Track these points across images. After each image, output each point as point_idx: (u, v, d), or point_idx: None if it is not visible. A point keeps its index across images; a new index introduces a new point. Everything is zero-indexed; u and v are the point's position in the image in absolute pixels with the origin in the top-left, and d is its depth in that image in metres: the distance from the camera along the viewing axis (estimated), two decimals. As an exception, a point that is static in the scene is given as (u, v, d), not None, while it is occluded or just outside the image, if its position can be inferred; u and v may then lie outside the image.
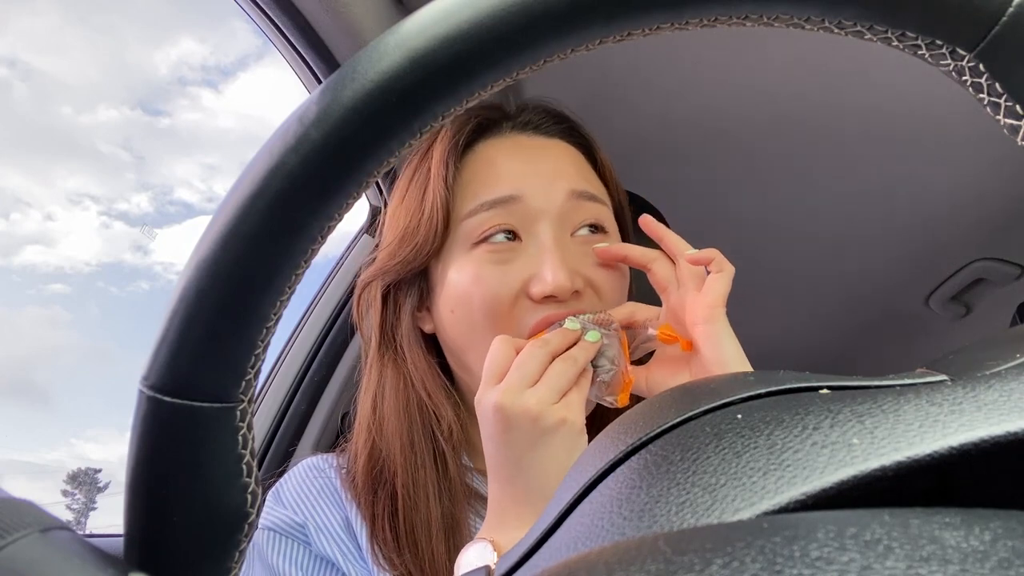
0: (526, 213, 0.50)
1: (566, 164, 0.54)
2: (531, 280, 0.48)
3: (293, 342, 0.94)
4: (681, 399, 0.17)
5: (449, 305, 0.51)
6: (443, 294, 0.51)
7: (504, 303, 0.48)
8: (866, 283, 1.26)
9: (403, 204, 0.54)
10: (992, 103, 0.21)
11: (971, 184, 0.98)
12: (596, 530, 0.14)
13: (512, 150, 0.53)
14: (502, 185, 0.50)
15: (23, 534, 0.17)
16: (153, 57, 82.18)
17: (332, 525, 0.50)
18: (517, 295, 0.49)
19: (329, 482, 0.53)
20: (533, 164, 0.52)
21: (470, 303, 0.49)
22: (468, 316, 0.50)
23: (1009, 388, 0.13)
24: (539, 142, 0.55)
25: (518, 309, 0.49)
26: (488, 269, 0.49)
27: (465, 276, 0.50)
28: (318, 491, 0.52)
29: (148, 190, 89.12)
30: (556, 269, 0.47)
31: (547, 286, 0.47)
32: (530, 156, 0.53)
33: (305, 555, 0.50)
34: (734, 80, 0.82)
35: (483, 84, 0.20)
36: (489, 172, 0.52)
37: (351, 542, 0.50)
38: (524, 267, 0.49)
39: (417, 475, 0.50)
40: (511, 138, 0.55)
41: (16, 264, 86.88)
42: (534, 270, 0.48)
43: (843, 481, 0.12)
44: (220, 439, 0.20)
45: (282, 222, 0.19)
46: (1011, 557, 0.09)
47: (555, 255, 0.48)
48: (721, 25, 0.21)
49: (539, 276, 0.48)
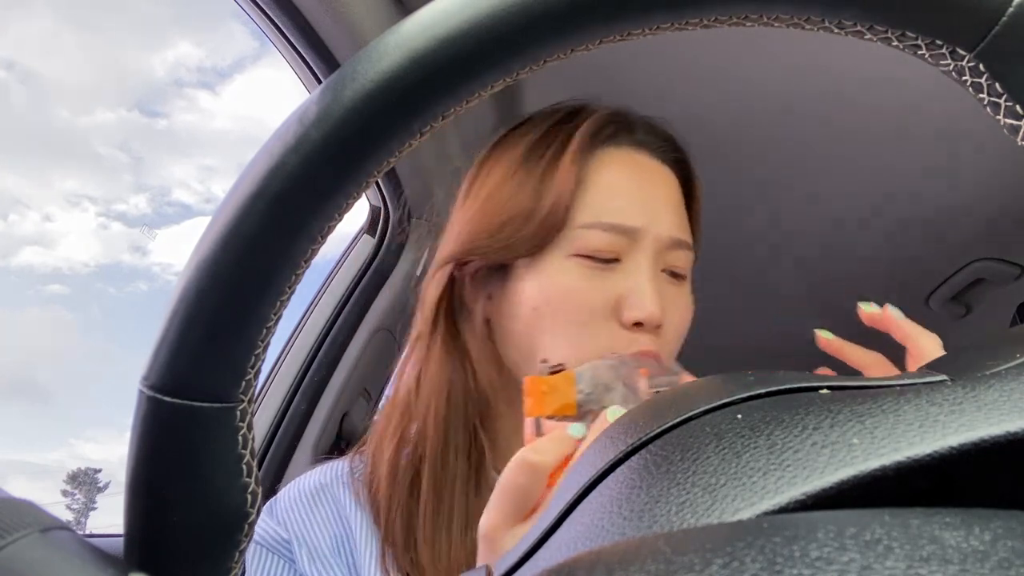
0: (634, 243, 0.51)
1: (674, 203, 0.55)
2: (623, 302, 0.50)
3: (293, 342, 0.94)
4: (681, 399, 0.17)
5: (533, 303, 0.51)
6: (527, 290, 0.51)
7: (596, 317, 0.49)
8: (866, 283, 1.26)
9: (508, 185, 0.52)
10: (992, 103, 0.21)
11: (971, 184, 0.98)
12: (596, 530, 0.14)
13: (632, 170, 0.54)
14: (624, 213, 0.51)
15: (23, 534, 0.17)
16: (150, 59, 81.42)
17: (320, 545, 0.49)
18: (609, 313, 0.50)
19: (330, 497, 0.52)
20: (649, 193, 0.53)
21: (560, 307, 0.50)
22: (552, 319, 0.50)
23: (1009, 388, 0.13)
24: (653, 165, 0.55)
25: (606, 327, 0.50)
26: (586, 281, 0.50)
27: (562, 280, 0.50)
28: (313, 507, 0.51)
29: (146, 191, 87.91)
30: (654, 301, 0.49)
31: (643, 313, 0.49)
32: (646, 182, 0.54)
33: (286, 572, 0.49)
34: (733, 81, 0.82)
35: (483, 84, 0.20)
36: (612, 191, 0.52)
37: (338, 562, 0.49)
38: (617, 287, 0.50)
39: (447, 463, 0.49)
40: (629, 155, 0.55)
41: (14, 265, 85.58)
42: (626, 293, 0.50)
43: (843, 481, 0.12)
44: (220, 439, 0.20)
45: (282, 222, 0.19)
46: (1011, 557, 0.09)
47: (653, 287, 0.50)
48: (721, 25, 0.21)
49: (635, 303, 0.49)
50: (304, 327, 0.95)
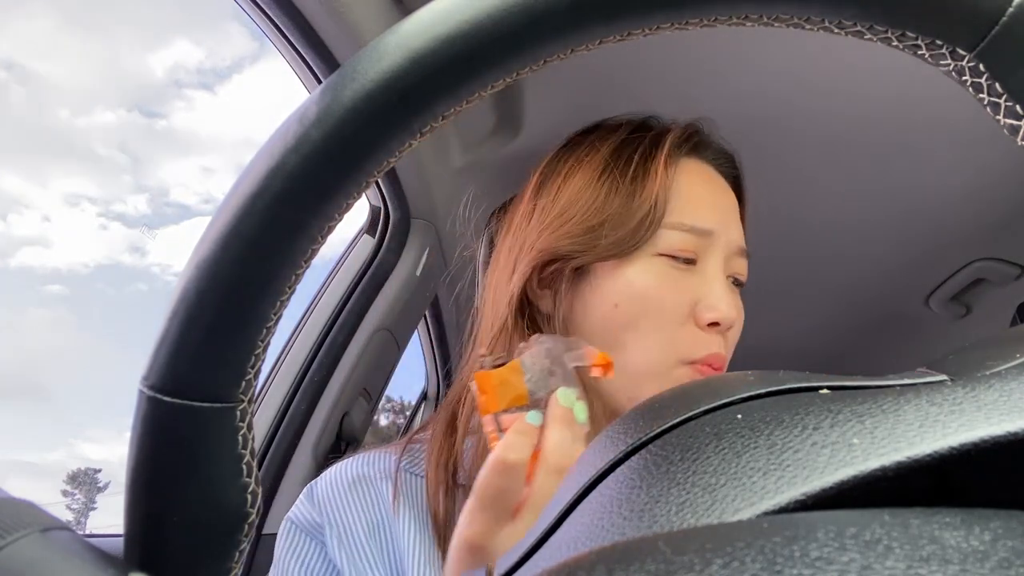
0: (709, 246, 0.54)
1: (737, 215, 0.59)
2: (699, 304, 0.52)
3: (293, 342, 0.94)
4: (681, 399, 0.17)
5: (614, 299, 0.52)
6: (609, 288, 0.53)
7: (677, 316, 0.52)
8: (866, 283, 1.26)
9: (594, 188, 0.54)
10: (992, 103, 0.21)
11: (971, 184, 0.98)
12: (596, 530, 0.14)
13: (710, 181, 0.58)
14: (707, 216, 0.54)
15: (23, 534, 0.17)
16: (149, 60, 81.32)
17: (354, 528, 0.49)
18: (687, 312, 0.52)
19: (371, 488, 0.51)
20: (723, 202, 0.57)
21: (643, 305, 0.52)
22: (633, 315, 0.52)
23: (1009, 388, 0.13)
24: (721, 180, 0.59)
25: (684, 327, 0.52)
26: (667, 281, 0.52)
27: (648, 279, 0.52)
28: (351, 493, 0.51)
29: (145, 192, 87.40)
30: (729, 304, 0.52)
31: (719, 314, 0.52)
32: (720, 194, 0.58)
33: (316, 556, 0.49)
34: (732, 81, 0.82)
35: (483, 84, 0.20)
36: (696, 196, 0.55)
37: (373, 548, 0.49)
38: (695, 289, 0.53)
39: None
40: (705, 167, 0.58)
41: (13, 265, 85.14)
42: (703, 296, 0.53)
43: (843, 481, 0.12)
44: (220, 439, 0.20)
45: (282, 222, 0.19)
46: (1011, 557, 0.09)
47: (727, 290, 0.54)
48: (721, 25, 0.21)
49: (712, 305, 0.52)
50: (304, 327, 0.95)
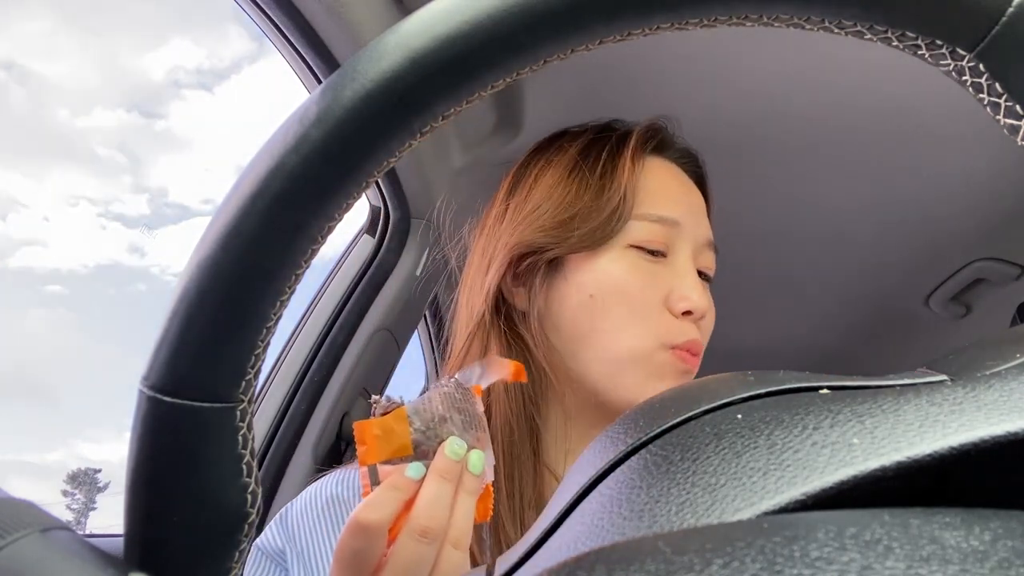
0: (678, 238, 0.56)
1: (704, 211, 0.60)
2: (672, 293, 0.54)
3: (293, 342, 0.94)
4: (681, 399, 0.17)
5: (590, 290, 0.54)
6: (583, 278, 0.54)
7: (653, 304, 0.54)
8: (866, 283, 1.26)
9: (565, 185, 0.56)
10: (992, 103, 0.21)
11: (971, 184, 0.98)
12: (596, 530, 0.14)
13: (676, 177, 0.60)
14: (673, 208, 0.56)
15: (23, 534, 0.17)
16: (148, 60, 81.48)
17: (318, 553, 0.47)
18: (660, 301, 0.54)
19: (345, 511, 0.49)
20: (688, 198, 0.59)
21: (619, 293, 0.53)
22: (610, 304, 0.53)
23: (1009, 388, 0.13)
24: (687, 179, 0.61)
25: (658, 315, 0.54)
26: (639, 272, 0.54)
27: (622, 268, 0.54)
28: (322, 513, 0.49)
29: (144, 192, 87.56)
30: (700, 293, 0.54)
31: (692, 303, 0.53)
32: (687, 190, 0.60)
33: None
34: (732, 81, 0.82)
35: (483, 84, 0.20)
36: (662, 189, 0.57)
37: None
38: (667, 281, 0.54)
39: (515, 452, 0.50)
40: (671, 165, 0.60)
41: (13, 266, 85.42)
42: (675, 286, 0.54)
43: (843, 481, 0.12)
44: (220, 439, 0.20)
45: (282, 222, 0.19)
46: (1011, 557, 0.09)
47: (698, 281, 0.55)
48: (721, 25, 0.21)
49: (684, 295, 0.54)
50: (304, 327, 0.95)
